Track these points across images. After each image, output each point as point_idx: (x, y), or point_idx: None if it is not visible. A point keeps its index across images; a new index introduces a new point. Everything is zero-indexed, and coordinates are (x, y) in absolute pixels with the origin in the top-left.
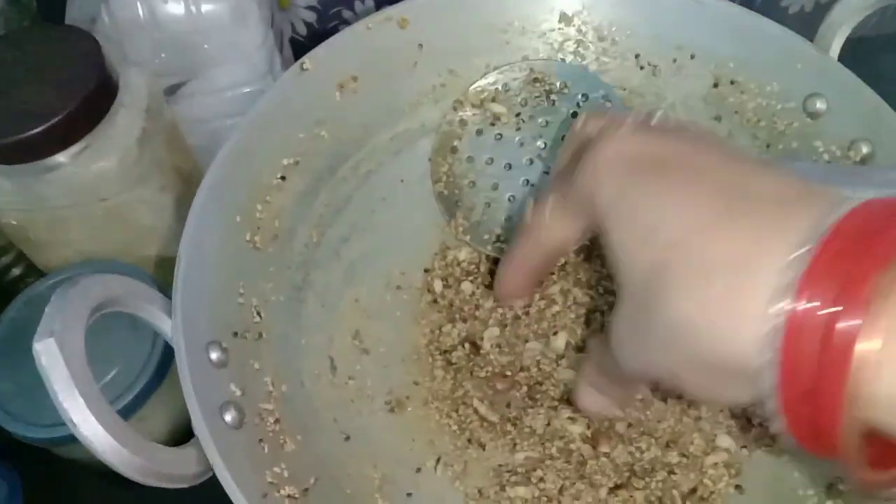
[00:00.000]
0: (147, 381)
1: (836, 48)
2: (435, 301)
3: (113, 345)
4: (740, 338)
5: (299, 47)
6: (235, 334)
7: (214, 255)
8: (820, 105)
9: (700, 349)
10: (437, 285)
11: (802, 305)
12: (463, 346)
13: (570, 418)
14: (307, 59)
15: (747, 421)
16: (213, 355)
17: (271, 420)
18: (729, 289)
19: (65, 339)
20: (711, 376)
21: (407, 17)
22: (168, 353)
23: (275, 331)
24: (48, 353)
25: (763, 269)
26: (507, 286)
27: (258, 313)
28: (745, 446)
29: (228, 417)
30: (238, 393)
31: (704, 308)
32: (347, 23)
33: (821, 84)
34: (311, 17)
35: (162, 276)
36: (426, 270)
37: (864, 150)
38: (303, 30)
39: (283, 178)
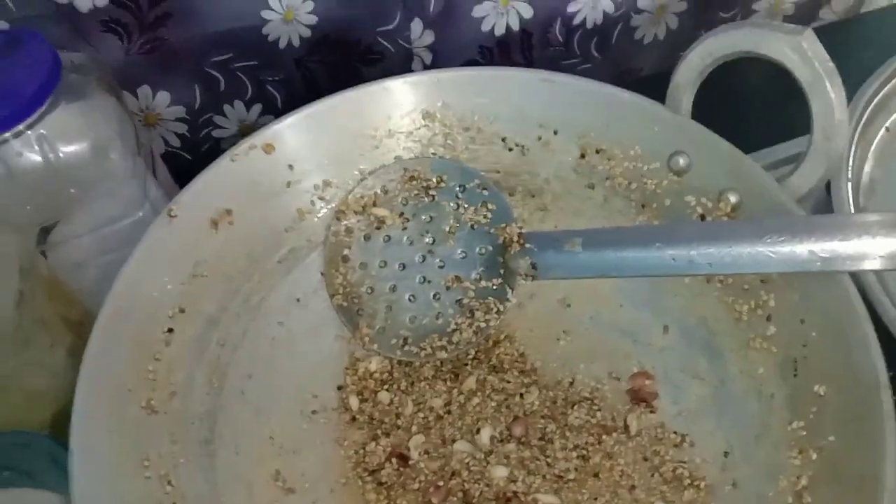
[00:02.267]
0: None
1: (686, 106)
2: (354, 419)
3: None
4: None
5: (175, 159)
6: None
7: (111, 436)
8: (683, 162)
9: None
10: (354, 402)
11: None
12: (391, 462)
13: None
14: (174, 206)
15: (679, 482)
16: None
17: None
18: None
19: None
20: None
21: (271, 143)
22: None
23: (189, 497)
24: None
25: None
26: None
27: (168, 482)
28: None
29: None
30: None
31: None
32: (221, 127)
33: (680, 142)
34: (181, 128)
35: (61, 434)
36: (339, 388)
37: (733, 199)
38: (176, 142)
39: (170, 330)
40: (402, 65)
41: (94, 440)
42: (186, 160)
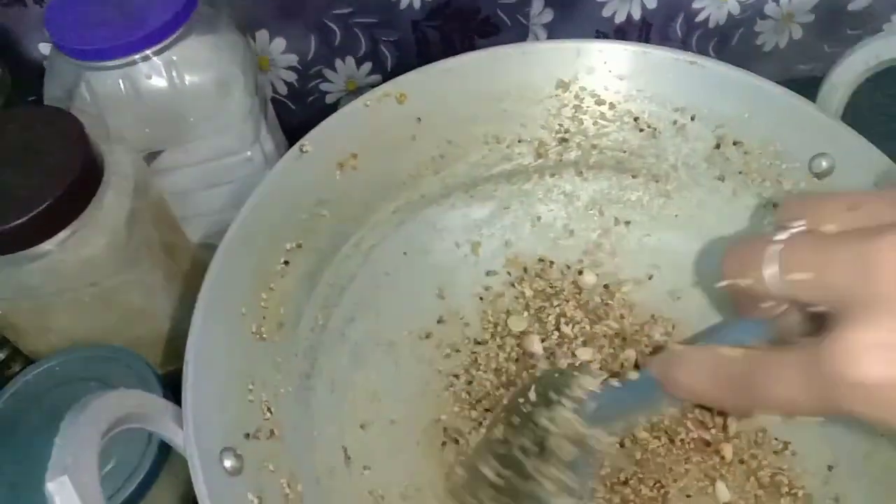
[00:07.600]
0: (146, 472)
1: (839, 107)
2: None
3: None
4: None
5: (279, 106)
6: (247, 436)
7: (222, 353)
8: (826, 164)
9: None
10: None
11: None
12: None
13: None
14: (307, 142)
15: (776, 489)
16: (228, 463)
17: None
18: None
19: (79, 474)
20: None
21: (405, 93)
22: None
23: (286, 426)
24: (63, 493)
25: None
26: None
27: (268, 409)
28: None
29: None
30: (255, 502)
31: None
32: (328, 81)
33: (826, 144)
34: (291, 76)
35: (152, 354)
36: None
37: None
38: (283, 89)
39: (286, 262)
40: (516, 40)
41: (208, 355)
42: (290, 109)
